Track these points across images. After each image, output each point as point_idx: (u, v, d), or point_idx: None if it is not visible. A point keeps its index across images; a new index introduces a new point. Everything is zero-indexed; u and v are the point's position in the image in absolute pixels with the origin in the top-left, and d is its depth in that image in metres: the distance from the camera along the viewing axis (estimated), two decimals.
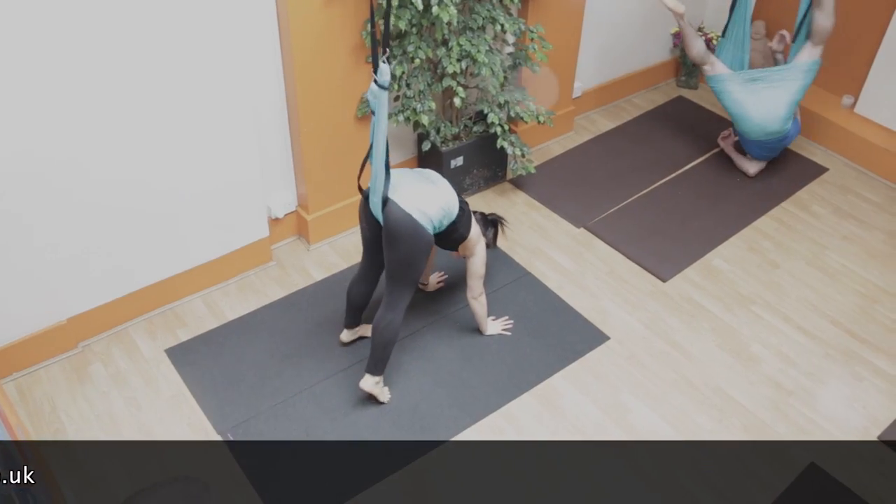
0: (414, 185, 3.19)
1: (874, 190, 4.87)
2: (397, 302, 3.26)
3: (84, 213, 3.36)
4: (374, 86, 2.85)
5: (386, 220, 3.09)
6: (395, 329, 3.29)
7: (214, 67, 3.38)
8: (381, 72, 2.80)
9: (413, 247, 3.13)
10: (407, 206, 3.08)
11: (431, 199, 3.18)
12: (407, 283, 3.23)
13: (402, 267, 3.18)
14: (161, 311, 3.88)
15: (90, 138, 3.21)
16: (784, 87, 4.55)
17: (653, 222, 4.53)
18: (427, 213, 3.13)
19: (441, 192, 3.25)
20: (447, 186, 3.32)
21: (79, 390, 3.50)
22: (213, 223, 3.81)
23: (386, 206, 3.08)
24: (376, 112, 2.91)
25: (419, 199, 3.13)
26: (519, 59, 4.38)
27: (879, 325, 3.96)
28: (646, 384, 3.63)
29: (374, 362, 3.36)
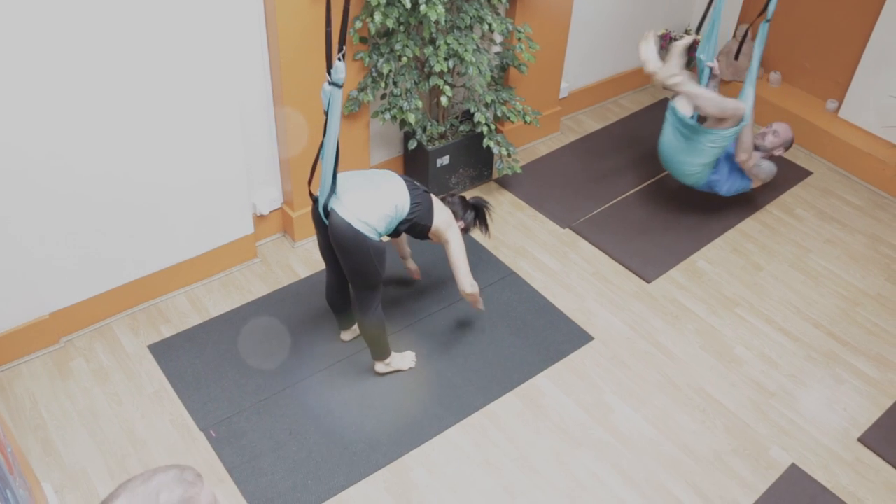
0: (357, 192, 3.08)
1: (857, 194, 4.90)
2: (366, 305, 3.27)
3: (67, 207, 3.34)
4: (327, 84, 2.77)
5: (330, 230, 3.06)
6: (378, 324, 3.33)
7: (200, 63, 3.37)
8: (336, 69, 2.71)
9: (361, 255, 3.08)
10: (347, 216, 3.01)
11: (373, 205, 3.07)
12: (368, 287, 3.22)
13: (357, 274, 3.17)
14: (144, 307, 3.86)
15: (74, 133, 3.19)
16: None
17: (638, 223, 4.55)
18: (368, 221, 3.04)
19: (385, 196, 3.12)
20: (396, 186, 3.17)
21: (60, 386, 3.48)
22: (198, 219, 3.80)
23: (329, 216, 3.05)
24: (329, 112, 2.81)
25: (360, 208, 3.04)
26: (506, 58, 4.38)
27: (860, 327, 3.99)
28: (629, 384, 3.65)
29: (374, 353, 3.50)
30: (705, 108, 4.00)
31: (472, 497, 3.16)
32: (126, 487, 1.40)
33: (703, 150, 4.14)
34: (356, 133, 4.11)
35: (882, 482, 3.31)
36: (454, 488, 3.19)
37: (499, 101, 4.32)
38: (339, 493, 3.14)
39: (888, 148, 4.90)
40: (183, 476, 1.43)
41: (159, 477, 1.41)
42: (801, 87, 5.42)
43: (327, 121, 2.84)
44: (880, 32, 4.78)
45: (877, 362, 3.82)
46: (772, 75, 5.43)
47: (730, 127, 4.07)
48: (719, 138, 4.07)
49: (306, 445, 3.30)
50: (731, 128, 4.06)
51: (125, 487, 1.40)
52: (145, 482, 1.40)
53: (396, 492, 3.17)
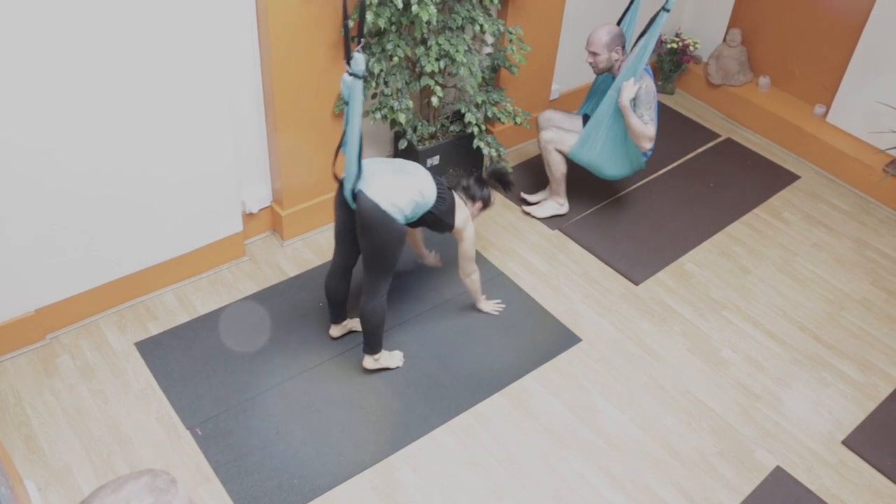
0: (386, 175, 3.20)
1: (844, 198, 4.94)
2: (376, 289, 3.32)
3: (55, 203, 3.32)
4: (347, 76, 2.86)
5: (357, 210, 3.14)
6: (380, 312, 3.36)
7: (190, 61, 3.36)
8: (355, 61, 2.80)
9: (384, 237, 3.17)
10: (376, 198, 3.10)
11: (403, 190, 3.20)
12: (382, 272, 3.29)
13: (376, 256, 3.23)
14: (132, 304, 3.84)
15: (62, 128, 3.17)
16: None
17: (626, 225, 4.56)
18: (398, 204, 3.15)
19: (414, 182, 3.27)
20: (423, 175, 3.34)
21: (45, 382, 3.46)
22: (187, 217, 3.78)
23: (357, 197, 3.12)
24: (350, 102, 2.91)
25: (390, 190, 3.15)
26: (497, 59, 4.39)
27: (846, 331, 4.02)
28: (616, 386, 3.66)
29: (367, 344, 3.49)
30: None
31: (458, 497, 3.17)
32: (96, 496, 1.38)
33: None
34: None
35: (865, 485, 3.33)
36: (441, 488, 3.19)
37: (489, 101, 4.32)
38: (326, 493, 3.14)
39: (875, 153, 4.94)
40: (155, 483, 1.40)
41: (130, 485, 1.39)
42: (789, 91, 5.45)
43: (348, 111, 2.94)
44: (868, 39, 4.81)
45: (861, 366, 3.84)
46: (761, 80, 5.46)
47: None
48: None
49: (293, 445, 3.29)
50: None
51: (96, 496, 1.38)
52: (116, 491, 1.38)
53: (383, 491, 3.17)
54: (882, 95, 4.84)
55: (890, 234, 4.68)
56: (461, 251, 3.60)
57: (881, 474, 3.38)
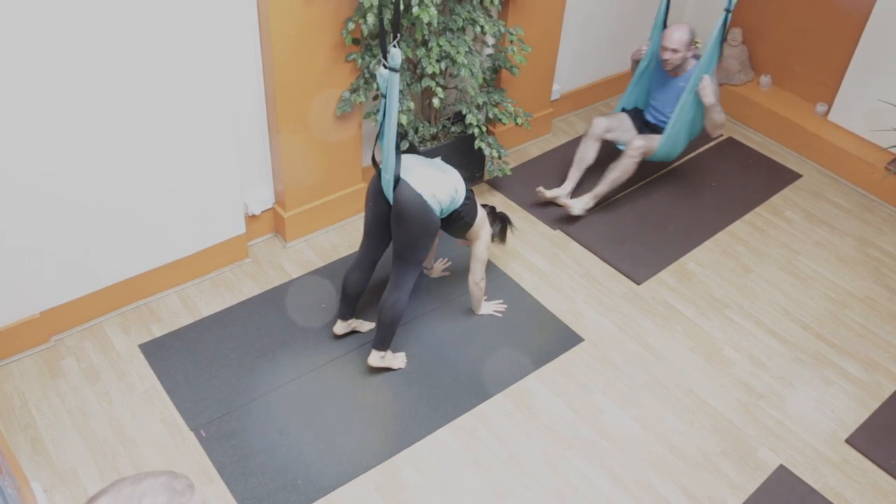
0: (426, 169, 3.31)
1: (846, 196, 4.93)
2: (403, 281, 3.37)
3: (58, 206, 3.34)
4: (384, 69, 2.94)
5: (396, 199, 3.20)
6: (401, 307, 3.40)
7: (192, 63, 3.37)
8: (392, 56, 2.88)
9: (421, 228, 3.24)
10: (419, 188, 3.19)
11: (442, 184, 3.30)
12: (413, 263, 3.34)
13: (408, 247, 3.29)
14: (135, 306, 3.85)
15: (66, 132, 3.19)
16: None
17: (628, 225, 4.56)
18: (437, 196, 3.25)
19: (451, 179, 3.38)
20: (456, 174, 3.45)
21: (50, 385, 3.48)
22: (190, 219, 3.80)
23: (398, 186, 3.18)
24: (387, 95, 3.00)
25: (431, 183, 3.25)
26: (498, 60, 4.40)
27: (849, 329, 4.02)
28: (618, 385, 3.66)
29: (379, 338, 3.49)
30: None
31: (461, 497, 3.18)
32: (115, 486, 1.40)
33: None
34: (348, 134, 4.12)
35: (869, 483, 3.33)
36: (444, 489, 3.20)
37: (490, 102, 4.33)
38: (329, 494, 3.15)
39: (877, 151, 4.94)
40: (173, 484, 1.42)
41: (149, 481, 1.41)
42: (791, 90, 5.45)
43: (386, 103, 3.02)
44: (869, 37, 4.82)
45: (865, 364, 3.84)
46: (762, 78, 5.46)
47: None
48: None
49: (296, 445, 3.30)
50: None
51: (114, 486, 1.40)
52: (134, 484, 1.40)
53: (386, 492, 3.18)
54: (884, 93, 4.84)
55: (893, 232, 4.68)
56: (475, 253, 3.65)
57: (885, 472, 3.38)
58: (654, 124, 4.57)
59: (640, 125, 4.61)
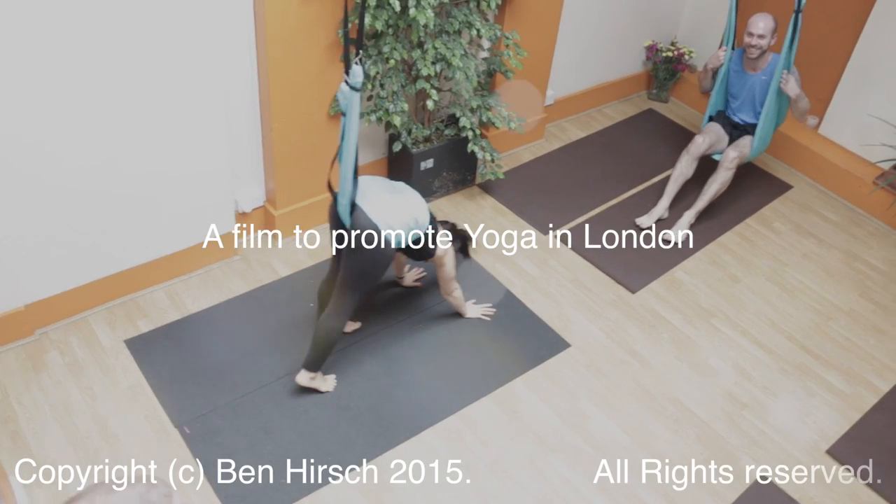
0: (384, 194, 3.17)
1: (834, 209, 4.97)
2: (343, 309, 3.26)
3: (47, 199, 3.32)
4: (346, 87, 2.80)
5: (352, 226, 3.07)
6: (336, 335, 3.30)
7: (186, 59, 3.36)
8: (354, 73, 2.74)
9: (372, 259, 3.12)
10: (374, 216, 3.06)
11: (400, 213, 3.16)
12: (357, 293, 3.23)
13: (356, 276, 3.18)
14: (122, 301, 3.84)
15: (56, 125, 3.17)
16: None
17: (620, 232, 4.57)
18: (393, 226, 3.12)
19: (411, 206, 3.24)
20: (419, 201, 3.32)
21: (33, 378, 3.45)
22: (179, 214, 3.78)
23: (354, 212, 3.06)
24: (347, 114, 2.85)
25: (387, 211, 3.11)
26: (493, 64, 4.41)
27: (833, 341, 4.05)
28: (604, 392, 3.67)
29: (311, 360, 3.38)
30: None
31: (445, 500, 3.17)
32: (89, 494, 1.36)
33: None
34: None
35: (849, 494, 3.36)
36: (428, 491, 3.20)
37: (484, 106, 4.34)
38: (313, 493, 3.14)
39: (865, 166, 4.97)
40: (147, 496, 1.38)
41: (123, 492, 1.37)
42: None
43: (345, 123, 2.87)
44: (860, 53, 4.85)
45: (847, 376, 3.87)
46: None
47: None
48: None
49: (281, 444, 3.30)
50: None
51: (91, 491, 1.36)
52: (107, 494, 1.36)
53: (370, 493, 3.17)
54: (874, 108, 4.88)
55: (879, 245, 4.71)
56: (443, 275, 3.60)
57: (864, 484, 3.40)
58: (741, 124, 4.64)
59: (728, 129, 4.66)
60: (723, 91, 4.65)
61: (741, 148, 4.50)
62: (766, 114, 4.41)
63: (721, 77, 4.58)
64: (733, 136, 4.64)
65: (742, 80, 4.52)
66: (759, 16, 4.33)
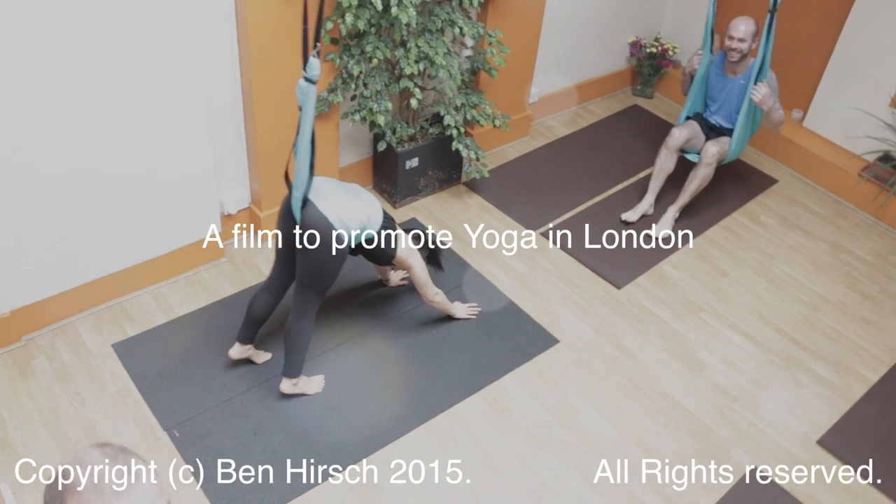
0: (338, 194, 3.13)
1: (820, 202, 4.99)
2: (306, 309, 3.23)
3: (31, 204, 3.30)
4: (303, 81, 2.79)
5: (303, 221, 3.03)
6: (307, 335, 3.28)
7: (168, 60, 3.35)
8: (311, 66, 2.74)
9: (326, 254, 3.08)
10: (327, 212, 3.03)
11: (354, 210, 3.13)
12: (317, 291, 3.20)
13: (312, 274, 3.14)
14: (108, 306, 3.82)
15: (37, 128, 3.15)
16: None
17: (605, 229, 4.58)
18: (346, 221, 3.08)
19: (365, 206, 3.21)
20: (373, 203, 3.28)
21: (21, 385, 3.43)
22: (164, 217, 3.77)
23: (305, 207, 3.03)
24: (304, 108, 2.83)
25: (341, 208, 3.08)
26: (477, 62, 4.41)
27: (821, 333, 4.06)
28: (593, 387, 3.67)
29: (288, 366, 3.36)
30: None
31: (436, 498, 3.17)
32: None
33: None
34: (326, 134, 4.11)
35: (839, 484, 3.37)
36: (418, 489, 3.19)
37: (469, 104, 4.34)
38: (304, 493, 3.13)
39: (850, 158, 5.00)
40: (103, 451, 1.32)
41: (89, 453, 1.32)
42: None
43: (301, 117, 2.85)
44: (843, 45, 4.88)
45: (836, 367, 3.88)
46: None
47: None
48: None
49: (270, 445, 3.29)
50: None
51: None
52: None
53: (361, 492, 3.16)
54: (858, 101, 4.90)
55: (865, 237, 4.74)
56: (414, 280, 3.55)
57: (855, 474, 3.41)
58: (718, 126, 4.62)
59: (706, 129, 4.64)
60: (702, 93, 4.64)
61: (722, 144, 4.48)
62: (743, 120, 4.39)
63: (700, 78, 4.56)
64: (710, 137, 4.62)
65: (722, 82, 4.51)
66: (740, 19, 4.31)
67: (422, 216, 4.53)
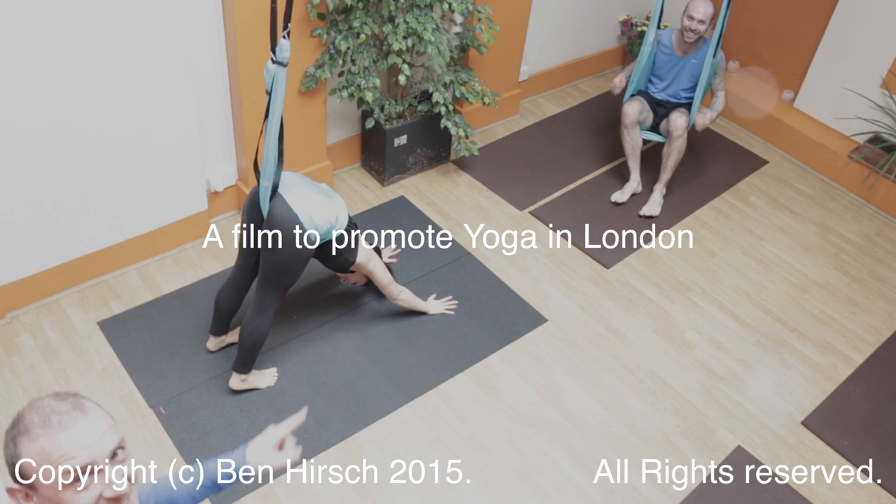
0: (308, 191, 3.05)
1: (809, 183, 4.99)
2: (266, 306, 3.15)
3: (14, 178, 3.26)
4: (271, 63, 2.69)
5: (270, 213, 2.95)
6: (264, 333, 3.21)
7: (152, 32, 3.30)
8: (281, 48, 2.64)
9: (291, 251, 3.00)
10: (296, 208, 2.95)
11: (322, 209, 3.05)
12: (279, 288, 3.13)
13: (276, 270, 3.06)
14: (94, 283, 3.79)
15: (20, 99, 3.11)
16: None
17: (595, 208, 4.57)
18: (314, 219, 3.00)
19: (334, 206, 3.13)
20: (341, 203, 3.20)
21: (5, 362, 3.41)
22: (150, 194, 3.73)
23: (274, 198, 2.95)
24: (272, 92, 2.73)
25: (310, 206, 3.00)
26: (466, 39, 4.37)
27: (808, 314, 4.07)
28: (581, 366, 3.68)
29: (240, 362, 3.29)
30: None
31: (422, 476, 3.17)
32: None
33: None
34: (313, 110, 4.07)
35: (823, 464, 3.39)
36: (405, 466, 3.19)
37: (458, 81, 4.30)
38: (291, 470, 3.13)
39: (840, 139, 4.99)
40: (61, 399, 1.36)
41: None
42: (758, 76, 5.49)
43: (270, 101, 2.76)
44: (835, 26, 4.85)
45: (822, 348, 3.90)
46: (730, 64, 5.48)
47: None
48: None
49: (257, 423, 3.28)
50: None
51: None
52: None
53: (348, 469, 3.16)
54: (849, 82, 4.89)
55: (853, 219, 4.74)
56: (377, 282, 3.50)
57: (838, 454, 3.43)
58: (664, 101, 4.58)
59: (653, 106, 4.60)
60: (647, 72, 4.57)
61: (685, 114, 4.43)
62: (700, 95, 4.40)
63: (647, 57, 4.48)
64: (657, 112, 4.58)
65: (671, 61, 4.46)
66: (702, 1, 4.27)
67: (410, 194, 4.51)
